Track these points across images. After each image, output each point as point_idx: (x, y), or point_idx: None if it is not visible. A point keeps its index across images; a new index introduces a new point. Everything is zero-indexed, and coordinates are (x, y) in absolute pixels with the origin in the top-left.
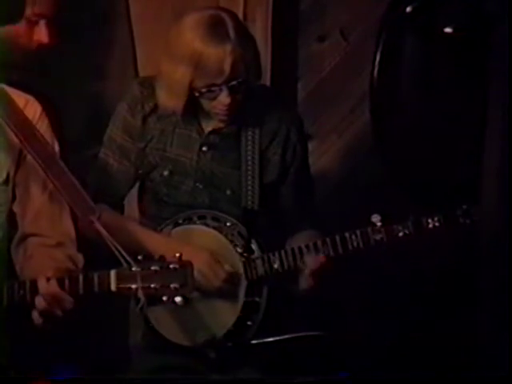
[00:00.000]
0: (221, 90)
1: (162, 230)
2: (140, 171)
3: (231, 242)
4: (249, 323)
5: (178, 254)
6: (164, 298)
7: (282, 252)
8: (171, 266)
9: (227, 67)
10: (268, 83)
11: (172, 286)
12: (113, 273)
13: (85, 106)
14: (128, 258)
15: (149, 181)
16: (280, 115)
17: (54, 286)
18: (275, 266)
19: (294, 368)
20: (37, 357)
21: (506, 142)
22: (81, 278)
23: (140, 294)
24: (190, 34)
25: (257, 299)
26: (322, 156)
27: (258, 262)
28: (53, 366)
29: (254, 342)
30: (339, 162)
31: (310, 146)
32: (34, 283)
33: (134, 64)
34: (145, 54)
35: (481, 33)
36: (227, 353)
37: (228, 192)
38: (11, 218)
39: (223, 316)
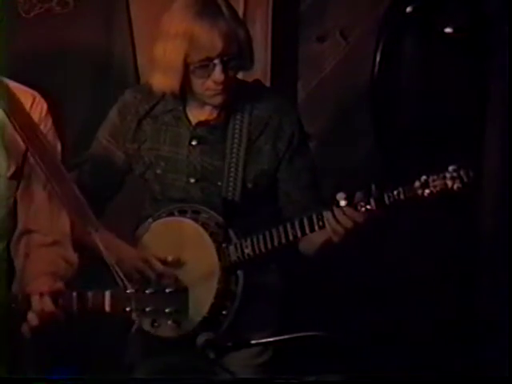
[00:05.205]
0: (214, 65)
1: (142, 223)
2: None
3: (206, 230)
4: (224, 312)
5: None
6: (155, 324)
7: (254, 237)
8: (167, 290)
9: (220, 40)
10: (268, 83)
11: (167, 310)
12: (107, 293)
13: (84, 106)
14: (123, 278)
15: (144, 180)
16: (271, 105)
17: (47, 304)
18: (247, 251)
19: (294, 368)
20: (36, 357)
21: (506, 142)
22: (74, 295)
23: (134, 316)
24: (182, 12)
25: (232, 288)
26: (321, 156)
27: (231, 248)
28: (52, 366)
29: (253, 341)
30: (339, 161)
31: (310, 146)
32: (27, 298)
33: (134, 65)
34: (145, 55)
35: (481, 33)
36: (227, 353)
37: (219, 183)
38: (14, 211)
39: (199, 304)
